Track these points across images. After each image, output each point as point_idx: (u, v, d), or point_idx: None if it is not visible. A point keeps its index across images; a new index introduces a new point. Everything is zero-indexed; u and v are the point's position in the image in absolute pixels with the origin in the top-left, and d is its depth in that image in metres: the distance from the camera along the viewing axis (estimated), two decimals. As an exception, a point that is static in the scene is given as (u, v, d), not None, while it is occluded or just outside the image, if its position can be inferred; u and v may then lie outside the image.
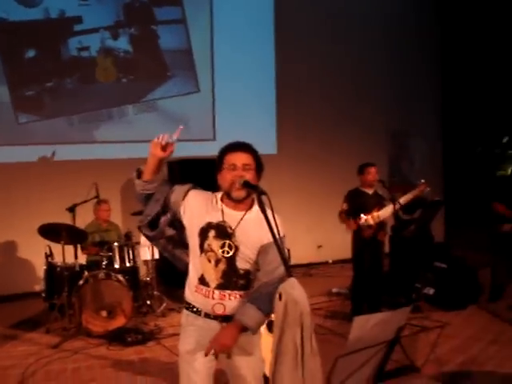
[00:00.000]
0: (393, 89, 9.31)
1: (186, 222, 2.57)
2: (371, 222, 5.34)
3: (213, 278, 2.52)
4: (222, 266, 2.50)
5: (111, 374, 4.58)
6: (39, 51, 7.53)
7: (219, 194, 2.61)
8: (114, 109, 7.91)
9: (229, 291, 2.52)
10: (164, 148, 2.54)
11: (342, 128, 8.93)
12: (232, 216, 2.53)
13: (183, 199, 2.56)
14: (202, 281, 2.54)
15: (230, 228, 2.51)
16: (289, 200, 8.57)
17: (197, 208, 2.56)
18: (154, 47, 8.05)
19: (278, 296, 2.26)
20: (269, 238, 2.43)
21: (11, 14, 7.34)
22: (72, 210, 5.73)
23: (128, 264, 5.97)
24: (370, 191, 5.55)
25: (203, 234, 2.52)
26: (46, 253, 5.95)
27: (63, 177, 7.30)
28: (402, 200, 5.38)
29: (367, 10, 9.09)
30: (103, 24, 7.75)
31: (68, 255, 5.73)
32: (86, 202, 5.92)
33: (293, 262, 8.56)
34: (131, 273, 6.03)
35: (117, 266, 5.87)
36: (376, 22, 9.11)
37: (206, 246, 2.51)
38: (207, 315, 2.56)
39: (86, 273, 5.83)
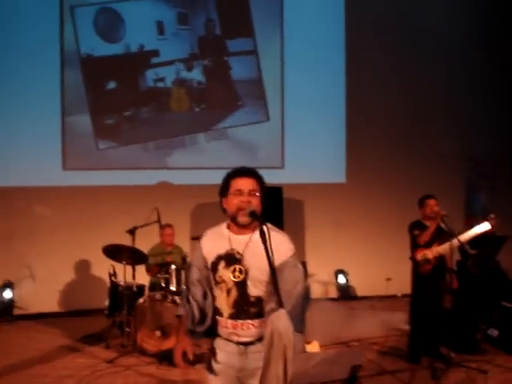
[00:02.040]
0: (464, 113, 8.93)
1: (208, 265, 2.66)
2: (430, 256, 5.12)
3: (225, 307, 2.56)
4: (233, 294, 2.54)
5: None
6: (119, 83, 8.07)
7: (224, 224, 2.66)
8: (187, 136, 8.26)
9: (241, 320, 2.54)
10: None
11: (413, 155, 8.69)
12: (239, 241, 2.57)
13: (202, 253, 2.65)
14: (217, 311, 2.60)
15: (238, 253, 2.55)
16: (357, 229, 8.48)
17: (209, 247, 2.65)
18: (226, 78, 8.35)
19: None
20: (279, 259, 2.45)
21: (96, 49, 7.96)
22: (132, 232, 6.00)
23: (184, 287, 6.10)
24: (432, 225, 5.30)
25: (214, 267, 2.59)
26: (109, 272, 6.28)
27: (134, 200, 7.68)
28: (463, 236, 5.09)
29: (437, 35, 8.88)
30: (178, 56, 8.18)
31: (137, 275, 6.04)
32: (146, 225, 6.18)
33: (360, 293, 8.45)
34: (189, 295, 6.17)
35: (173, 288, 6.04)
36: (449, 46, 8.87)
37: (217, 278, 2.57)
38: (228, 340, 2.61)
39: (146, 293, 6.08)
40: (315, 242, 8.37)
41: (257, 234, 2.47)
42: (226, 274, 2.53)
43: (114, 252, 5.98)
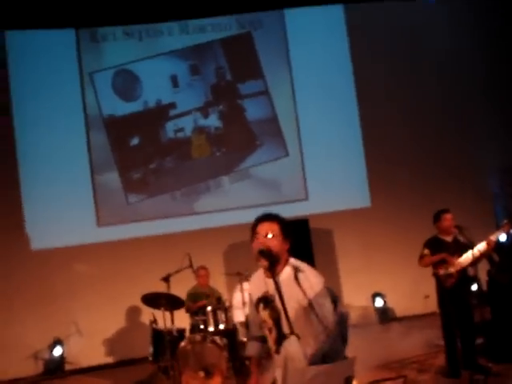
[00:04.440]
0: (479, 125, 9.01)
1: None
2: (452, 270, 5.21)
3: (271, 344, 2.74)
4: (273, 332, 2.71)
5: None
6: (142, 138, 8.49)
7: (261, 268, 2.84)
8: (211, 181, 8.58)
9: None
10: None
11: (434, 171, 8.78)
12: (270, 282, 2.69)
13: (250, 296, 2.91)
14: (267, 349, 2.82)
15: (271, 295, 2.71)
16: (388, 250, 8.52)
17: (252, 291, 2.92)
18: (242, 120, 8.69)
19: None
20: (310, 294, 2.65)
21: (117, 109, 8.43)
22: (167, 279, 6.25)
23: (222, 326, 6.30)
24: (449, 238, 5.40)
25: (257, 310, 2.80)
26: (150, 320, 6.51)
27: (168, 248, 7.93)
28: (481, 246, 5.16)
29: (444, 48, 9.04)
30: (194, 106, 8.60)
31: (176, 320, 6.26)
32: (179, 271, 6.42)
33: (399, 314, 8.45)
34: (228, 334, 6.35)
35: (211, 328, 6.23)
36: (466, 61, 9.06)
37: (261, 319, 2.77)
38: None
39: (187, 336, 6.29)
40: (348, 269, 8.47)
41: (285, 272, 2.69)
42: (265, 313, 2.71)
43: (152, 300, 6.22)
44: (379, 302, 8.58)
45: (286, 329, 2.64)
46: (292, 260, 2.78)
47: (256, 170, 8.63)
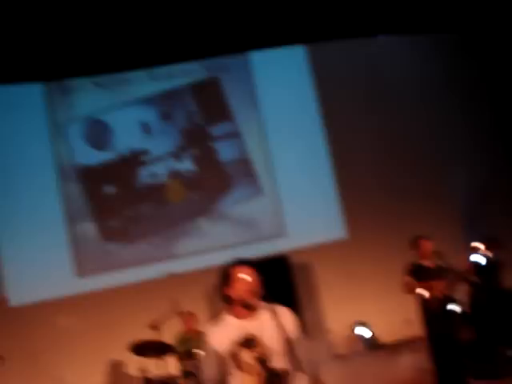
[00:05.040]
0: (456, 149, 9.42)
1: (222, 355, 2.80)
2: (437, 293, 5.39)
3: None
4: (262, 373, 2.71)
5: None
6: (116, 185, 8.53)
7: (225, 315, 2.88)
8: (188, 224, 8.62)
9: None
10: None
11: (406, 198, 9.03)
12: (251, 325, 2.77)
13: (214, 348, 2.79)
14: None
15: (255, 336, 2.75)
16: (369, 280, 8.65)
17: (217, 339, 2.81)
18: (215, 162, 8.83)
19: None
20: (291, 331, 2.77)
21: (90, 159, 8.46)
22: (155, 327, 6.23)
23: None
24: (430, 263, 5.60)
25: (234, 354, 2.74)
26: (140, 369, 6.42)
27: (150, 294, 7.87)
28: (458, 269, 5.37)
29: (409, 82, 9.48)
30: (167, 150, 8.69)
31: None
32: (167, 318, 6.42)
33: (384, 340, 8.57)
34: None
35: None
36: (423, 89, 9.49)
37: (241, 363, 2.73)
38: None
39: (181, 383, 6.24)
40: (330, 301, 8.57)
41: (265, 314, 2.76)
42: (250, 356, 2.71)
43: (141, 349, 6.18)
44: (363, 331, 8.67)
45: (277, 365, 2.71)
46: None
47: (233, 210, 8.72)
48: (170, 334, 6.64)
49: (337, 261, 8.66)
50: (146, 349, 6.12)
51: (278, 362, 2.72)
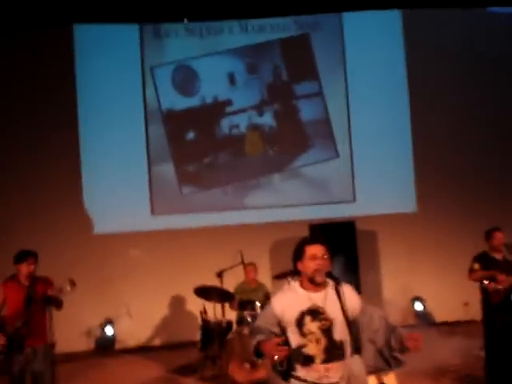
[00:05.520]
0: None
1: (283, 322, 3.03)
2: (500, 287, 5.37)
3: (317, 354, 2.96)
4: (322, 342, 2.96)
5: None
6: (197, 132, 8.83)
7: (296, 283, 3.10)
8: (262, 178, 8.86)
9: (331, 363, 2.96)
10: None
11: (484, 182, 8.82)
12: (317, 297, 3.01)
13: (274, 312, 3.05)
14: (307, 359, 2.98)
15: (321, 307, 2.99)
16: (432, 256, 8.66)
17: (284, 307, 3.04)
18: (296, 120, 8.91)
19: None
20: (358, 306, 3.02)
21: (175, 104, 8.78)
22: (220, 275, 6.63)
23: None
24: (499, 256, 5.55)
25: (300, 322, 2.98)
26: (200, 310, 6.90)
27: (218, 240, 8.30)
28: None
29: (503, 56, 9.04)
30: (250, 104, 8.85)
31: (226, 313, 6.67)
32: (232, 267, 6.78)
33: (438, 319, 8.62)
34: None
35: (259, 322, 6.54)
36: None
37: (305, 331, 2.97)
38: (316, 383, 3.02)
39: (234, 328, 6.65)
40: (390, 271, 8.67)
41: (330, 289, 2.99)
42: (314, 325, 2.96)
43: (205, 292, 6.61)
44: (419, 306, 8.77)
45: (337, 336, 2.94)
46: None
47: (306, 170, 8.87)
48: (231, 282, 7.02)
49: (401, 234, 8.68)
50: (208, 293, 6.53)
51: (339, 334, 2.96)
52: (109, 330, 8.43)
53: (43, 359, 4.66)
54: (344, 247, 8.01)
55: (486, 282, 5.47)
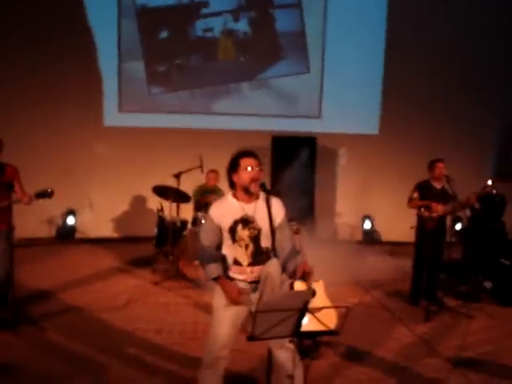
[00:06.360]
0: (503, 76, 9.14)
1: (221, 228, 3.36)
2: (434, 215, 5.76)
3: (244, 258, 3.32)
4: (250, 248, 3.31)
5: (190, 311, 5.68)
6: (170, 32, 8.71)
7: (229, 195, 3.37)
8: (231, 85, 8.92)
9: (256, 266, 3.33)
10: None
11: (448, 116, 9.04)
12: (248, 207, 3.31)
13: (213, 221, 3.34)
14: (236, 262, 3.34)
15: (251, 217, 3.30)
16: (387, 179, 9.01)
17: (220, 215, 3.33)
18: (271, 29, 8.83)
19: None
20: (278, 218, 3.32)
21: (150, 0, 8.55)
22: (177, 176, 6.86)
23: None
24: (439, 185, 5.90)
25: (233, 229, 3.30)
26: (157, 208, 7.22)
27: (182, 142, 8.47)
28: (463, 200, 5.63)
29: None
30: (226, 8, 8.70)
31: (182, 212, 7.01)
32: (190, 170, 7.02)
33: (384, 239, 9.13)
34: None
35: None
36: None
37: (237, 237, 3.30)
38: (241, 281, 3.36)
39: (189, 228, 7.02)
40: (346, 189, 9.06)
41: (260, 201, 3.29)
42: (244, 232, 3.28)
43: (162, 191, 6.89)
44: (367, 224, 9.26)
45: (263, 243, 3.30)
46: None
47: (276, 82, 8.92)
48: (190, 185, 7.27)
49: (361, 154, 8.96)
50: (166, 192, 6.81)
51: (265, 241, 3.31)
52: (70, 220, 8.73)
53: (4, 240, 4.91)
54: (305, 161, 8.29)
55: (421, 210, 5.87)
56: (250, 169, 3.25)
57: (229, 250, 3.36)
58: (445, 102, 9.05)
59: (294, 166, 8.11)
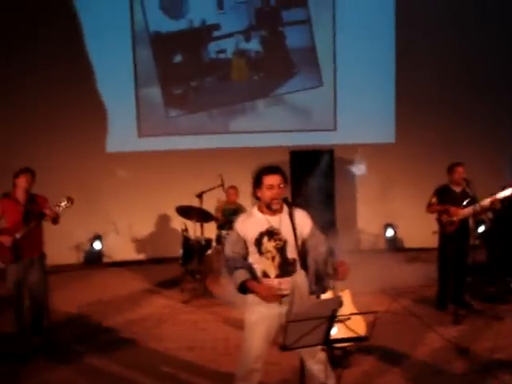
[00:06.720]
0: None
1: (247, 242, 3.46)
2: (454, 218, 5.79)
3: (272, 270, 3.40)
4: (277, 260, 3.39)
5: (220, 327, 5.76)
6: (184, 56, 8.93)
7: (255, 208, 3.48)
8: (247, 103, 9.08)
9: (283, 278, 3.39)
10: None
11: (462, 119, 9.07)
12: (274, 220, 3.41)
13: (239, 233, 3.45)
14: (265, 274, 3.42)
15: (276, 229, 3.40)
16: (406, 186, 9.03)
17: (245, 228, 3.44)
18: (282, 46, 9.00)
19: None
20: (308, 229, 3.43)
21: (162, 26, 8.81)
22: (200, 196, 7.01)
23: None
24: (458, 189, 5.93)
25: (259, 242, 3.40)
26: (181, 228, 7.36)
27: (202, 162, 8.63)
28: (483, 202, 5.66)
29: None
30: (237, 29, 8.89)
31: (206, 231, 7.13)
32: (211, 190, 7.17)
33: (408, 246, 9.13)
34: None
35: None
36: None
37: (263, 249, 3.40)
38: None
39: (213, 246, 7.15)
40: (366, 199, 9.09)
41: (284, 214, 3.39)
42: (270, 244, 3.37)
43: (185, 211, 7.04)
44: (390, 232, 9.28)
45: (289, 255, 3.38)
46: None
47: (290, 97, 9.06)
48: (212, 203, 7.42)
49: (378, 163, 9.01)
50: (190, 212, 6.95)
51: (291, 253, 3.39)
52: (97, 245, 8.92)
53: (39, 267, 5.12)
54: (323, 173, 8.38)
55: (440, 215, 5.91)
56: (272, 187, 3.33)
57: (256, 264, 3.43)
58: (458, 105, 9.09)
59: (313, 179, 8.20)
